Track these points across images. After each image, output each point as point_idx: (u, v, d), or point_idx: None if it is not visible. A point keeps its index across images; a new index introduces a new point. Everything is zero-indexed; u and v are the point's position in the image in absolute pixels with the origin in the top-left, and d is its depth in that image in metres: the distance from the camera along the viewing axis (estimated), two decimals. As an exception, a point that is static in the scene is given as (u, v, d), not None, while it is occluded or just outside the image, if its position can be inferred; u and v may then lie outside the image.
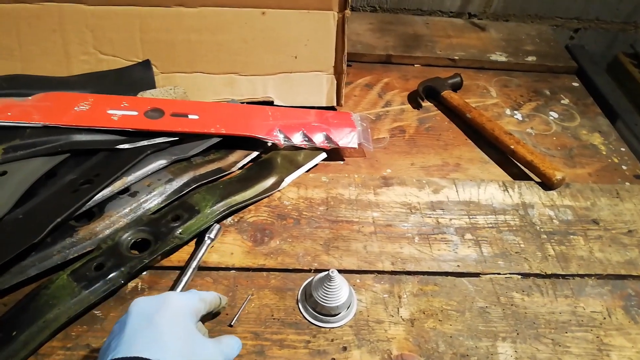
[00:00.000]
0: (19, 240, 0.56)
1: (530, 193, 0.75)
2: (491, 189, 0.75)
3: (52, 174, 0.66)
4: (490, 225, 0.70)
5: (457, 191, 0.74)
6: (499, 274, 0.64)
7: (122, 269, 0.57)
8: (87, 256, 0.58)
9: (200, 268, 0.61)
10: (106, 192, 0.63)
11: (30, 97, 0.71)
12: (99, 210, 0.63)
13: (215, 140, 0.73)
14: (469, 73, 1.01)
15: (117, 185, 0.64)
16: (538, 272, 0.64)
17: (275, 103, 0.85)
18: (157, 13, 0.79)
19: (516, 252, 0.66)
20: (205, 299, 0.51)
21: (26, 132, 0.67)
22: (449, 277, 0.63)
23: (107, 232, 0.61)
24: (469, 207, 0.72)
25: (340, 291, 0.57)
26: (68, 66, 0.80)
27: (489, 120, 0.85)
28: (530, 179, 0.78)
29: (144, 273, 0.60)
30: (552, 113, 0.94)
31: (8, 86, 0.74)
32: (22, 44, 0.78)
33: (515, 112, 0.93)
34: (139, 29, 0.79)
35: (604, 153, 0.86)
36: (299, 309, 0.58)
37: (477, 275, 0.64)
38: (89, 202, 0.62)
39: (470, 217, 0.71)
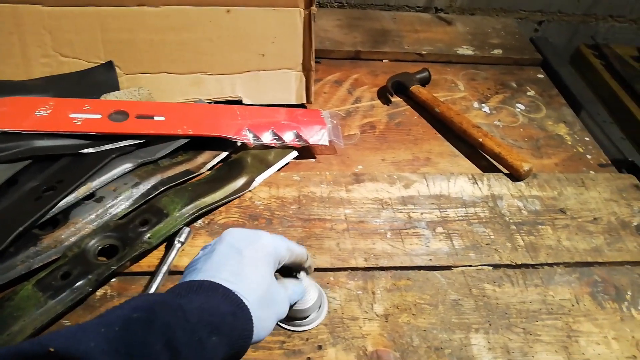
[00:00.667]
0: (-21, 251, 0.54)
1: (499, 185, 0.76)
2: (461, 182, 0.76)
3: (13, 181, 0.64)
4: (461, 218, 0.71)
5: (427, 185, 0.75)
6: (470, 266, 0.65)
7: (90, 276, 0.55)
8: (53, 265, 0.56)
9: (171, 272, 0.60)
10: (70, 198, 0.61)
11: (-13, 103, 0.69)
12: (63, 217, 0.61)
13: (183, 141, 0.72)
14: (436, 67, 1.02)
15: (82, 191, 0.62)
16: (508, 262, 0.65)
17: (243, 102, 0.84)
18: (118, 13, 0.77)
19: (487, 244, 0.67)
20: (294, 250, 0.52)
21: (-16, 139, 0.65)
22: (422, 271, 0.64)
23: (73, 239, 0.59)
24: (440, 200, 0.73)
25: (308, 294, 0.56)
26: (27, 70, 0.77)
27: (457, 113, 0.86)
28: (499, 170, 0.79)
29: (113, 280, 0.59)
30: (518, 105, 0.95)
31: (-37, 92, 0.71)
32: (-24, 48, 0.75)
33: (483, 105, 0.94)
34: (100, 29, 0.77)
35: (569, 143, 0.88)
36: None
37: (449, 268, 0.64)
38: (53, 209, 0.60)
39: (441, 210, 0.71)
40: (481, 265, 0.65)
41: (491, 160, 0.80)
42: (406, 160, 0.81)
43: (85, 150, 0.67)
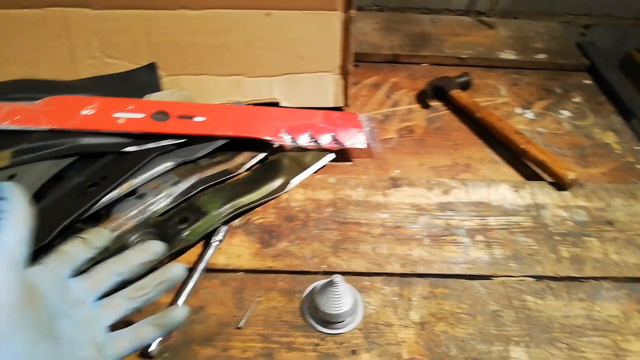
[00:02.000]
0: (25, 244, 0.55)
1: (543, 194, 0.73)
2: (502, 190, 0.74)
3: (60, 177, 0.66)
4: (502, 227, 0.69)
5: (467, 192, 0.73)
6: (511, 276, 0.63)
7: (129, 272, 0.56)
8: (95, 259, 0.57)
9: (208, 270, 0.61)
10: (113, 194, 0.63)
11: (37, 102, 0.71)
12: (106, 213, 0.62)
13: (222, 142, 0.73)
14: (477, 72, 0.99)
15: (124, 188, 0.64)
16: (551, 274, 0.63)
17: (281, 104, 0.84)
18: (161, 16, 0.79)
19: (528, 254, 0.65)
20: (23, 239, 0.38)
21: (33, 136, 0.67)
22: (460, 279, 0.62)
23: (115, 234, 0.60)
24: (480, 208, 0.71)
25: (344, 298, 0.55)
26: (75, 70, 0.80)
27: (499, 119, 0.83)
28: (542, 179, 0.77)
29: (151, 276, 0.60)
30: (563, 112, 0.92)
31: (15, 90, 0.74)
32: (30, 50, 0.78)
33: (526, 111, 0.92)
34: (144, 32, 0.79)
35: (618, 152, 0.84)
36: (303, 315, 0.57)
37: (488, 277, 0.62)
38: (96, 205, 0.62)
39: (481, 218, 0.70)
40: (523, 276, 0.63)
41: (534, 168, 0.78)
42: (445, 165, 0.79)
43: (128, 149, 0.68)
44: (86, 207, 0.60)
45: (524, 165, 0.79)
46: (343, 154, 0.78)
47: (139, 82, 0.79)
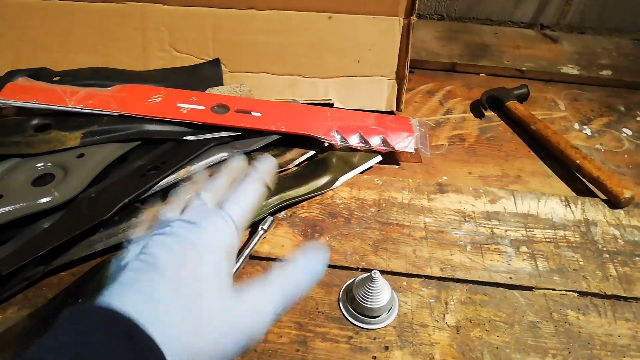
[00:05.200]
0: (90, 216, 0.60)
1: (595, 210, 0.71)
2: (552, 203, 0.72)
3: (124, 158, 0.71)
4: (548, 240, 0.67)
5: (515, 202, 0.72)
6: (553, 289, 0.61)
7: (179, 250, 0.60)
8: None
9: (252, 257, 0.64)
10: (171, 178, 0.67)
11: (109, 88, 0.77)
12: (162, 195, 0.67)
13: (275, 137, 0.76)
14: (536, 85, 0.98)
15: (182, 174, 0.68)
16: (597, 291, 0.61)
17: (335, 105, 0.86)
18: (229, 14, 0.83)
19: (574, 269, 0.64)
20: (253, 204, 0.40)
21: (104, 120, 0.73)
22: (500, 288, 0.62)
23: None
24: (527, 219, 0.70)
25: (381, 294, 0.57)
26: (145, 62, 0.86)
27: (555, 133, 0.82)
28: (596, 195, 0.74)
29: (199, 257, 0.63)
30: (625, 130, 0.89)
31: (92, 77, 0.80)
32: (105, 40, 0.84)
33: (585, 127, 0.89)
34: (212, 29, 0.84)
35: (682, 174, 0.80)
36: (340, 307, 0.59)
37: (530, 289, 0.62)
38: (155, 187, 0.66)
39: (528, 229, 0.69)
40: (566, 290, 0.61)
41: (588, 184, 0.76)
42: (495, 175, 0.79)
43: (187, 137, 0.73)
44: (145, 188, 0.65)
45: (578, 180, 0.77)
46: (391, 157, 0.79)
47: (203, 76, 0.83)
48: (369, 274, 0.57)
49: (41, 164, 0.67)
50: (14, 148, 0.69)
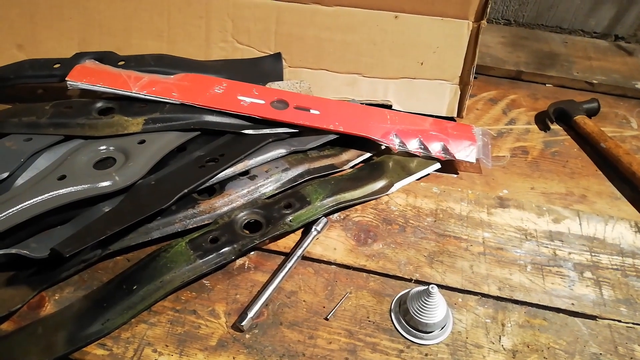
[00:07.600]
0: (149, 204, 0.61)
1: (668, 239, 0.67)
2: (620, 228, 0.68)
3: (183, 148, 0.71)
4: (615, 267, 0.64)
5: (580, 224, 0.69)
6: (619, 321, 0.58)
7: (235, 245, 0.60)
8: (205, 228, 0.62)
9: (304, 257, 0.63)
10: (228, 171, 0.67)
11: (172, 76, 0.77)
12: (219, 188, 0.67)
13: (332, 136, 0.75)
14: (607, 99, 0.93)
15: (239, 167, 0.68)
16: (668, 328, 0.57)
17: (393, 107, 0.84)
18: (293, 8, 0.82)
19: (643, 302, 0.60)
20: None
21: (165, 108, 0.73)
22: (561, 314, 0.59)
23: (225, 209, 0.64)
24: (593, 243, 0.66)
25: (437, 309, 0.55)
26: (207, 51, 0.86)
27: (627, 152, 0.77)
28: (669, 223, 0.70)
29: (252, 253, 0.63)
30: (703, 154, 0.83)
31: (155, 64, 0.81)
32: (170, 27, 0.85)
33: (659, 148, 0.84)
34: (275, 22, 0.83)
35: None
36: (391, 318, 0.57)
37: (593, 318, 0.58)
38: (212, 179, 0.66)
39: (593, 254, 0.65)
40: (633, 323, 0.58)
41: (661, 210, 0.71)
42: (558, 193, 0.75)
43: (247, 131, 0.72)
44: (204, 180, 0.65)
45: (650, 206, 0.73)
46: (449, 165, 0.77)
47: (264, 69, 0.83)
48: (425, 287, 0.55)
49: (104, 147, 0.68)
50: (78, 130, 0.70)
